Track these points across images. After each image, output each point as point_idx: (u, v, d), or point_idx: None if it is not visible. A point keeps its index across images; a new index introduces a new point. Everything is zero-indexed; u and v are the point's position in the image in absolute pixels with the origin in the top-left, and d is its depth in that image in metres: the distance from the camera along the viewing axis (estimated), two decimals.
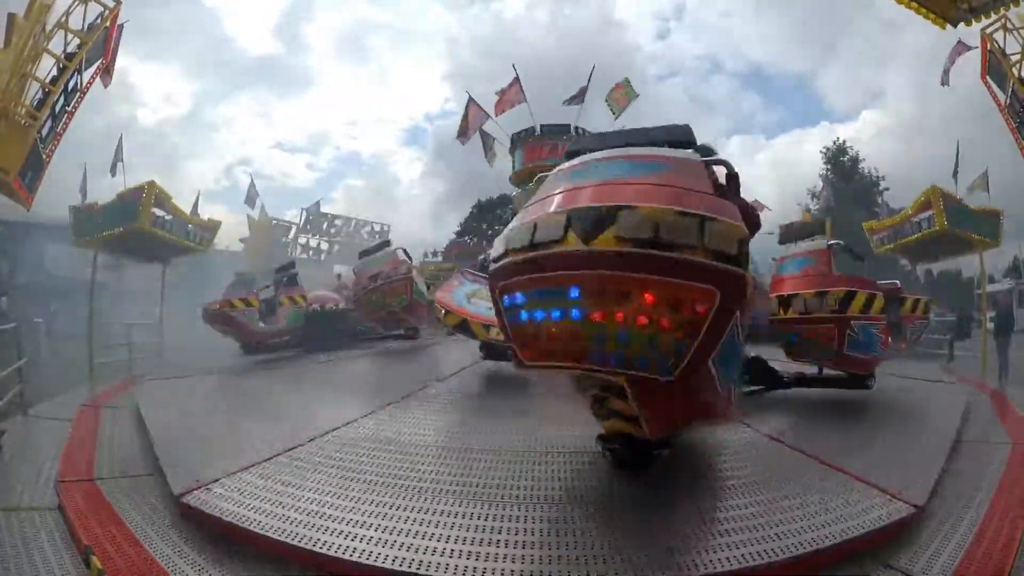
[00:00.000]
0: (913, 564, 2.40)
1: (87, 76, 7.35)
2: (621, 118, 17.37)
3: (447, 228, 47.10)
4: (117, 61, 7.88)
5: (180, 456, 3.51)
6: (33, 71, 6.84)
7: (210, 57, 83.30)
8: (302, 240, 26.07)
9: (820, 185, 30.43)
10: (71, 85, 7.17)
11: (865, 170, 32.56)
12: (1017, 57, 7.93)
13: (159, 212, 9.61)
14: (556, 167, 2.63)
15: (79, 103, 7.32)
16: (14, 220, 17.94)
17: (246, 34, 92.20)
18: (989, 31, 8.14)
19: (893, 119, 59.55)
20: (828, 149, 33.80)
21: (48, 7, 6.97)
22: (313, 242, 26.26)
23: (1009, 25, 7.99)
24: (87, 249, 9.49)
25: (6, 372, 5.30)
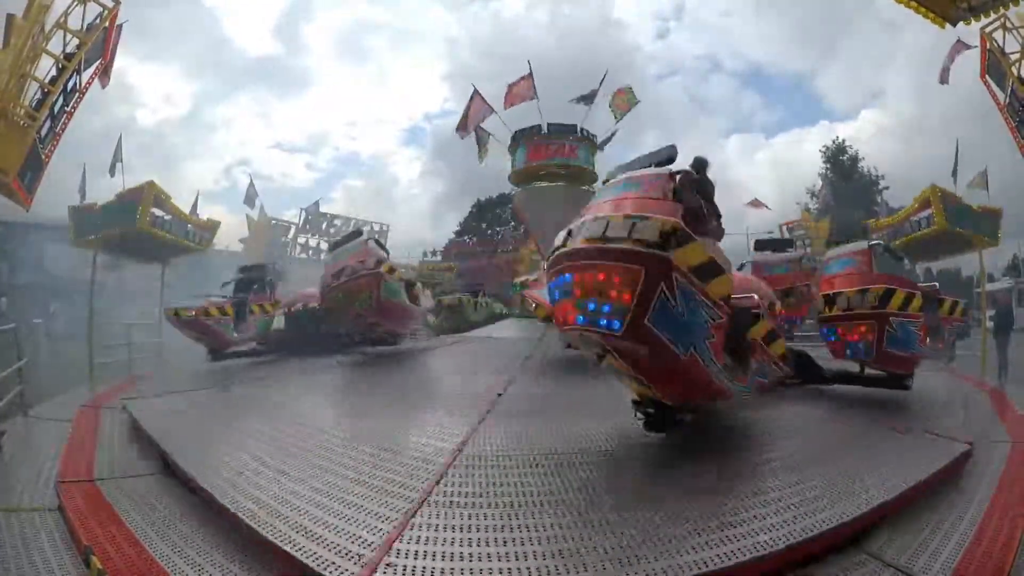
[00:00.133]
0: (913, 563, 2.40)
1: (86, 76, 7.36)
2: (623, 119, 17.30)
3: (447, 228, 46.95)
4: (116, 61, 7.91)
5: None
6: (32, 71, 6.84)
7: (209, 57, 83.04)
8: (301, 240, 25.98)
9: (819, 184, 30.62)
10: (70, 85, 7.18)
11: (864, 169, 32.75)
12: (1016, 56, 7.94)
13: (158, 212, 9.62)
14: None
15: (78, 103, 7.33)
16: (13, 220, 17.91)
17: (245, 34, 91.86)
18: (988, 30, 8.15)
19: (893, 118, 59.34)
20: (827, 148, 34.03)
21: (47, 7, 6.96)
22: (312, 242, 26.15)
23: (1008, 24, 8.00)
24: (86, 249, 9.47)
25: (6, 373, 5.29)
